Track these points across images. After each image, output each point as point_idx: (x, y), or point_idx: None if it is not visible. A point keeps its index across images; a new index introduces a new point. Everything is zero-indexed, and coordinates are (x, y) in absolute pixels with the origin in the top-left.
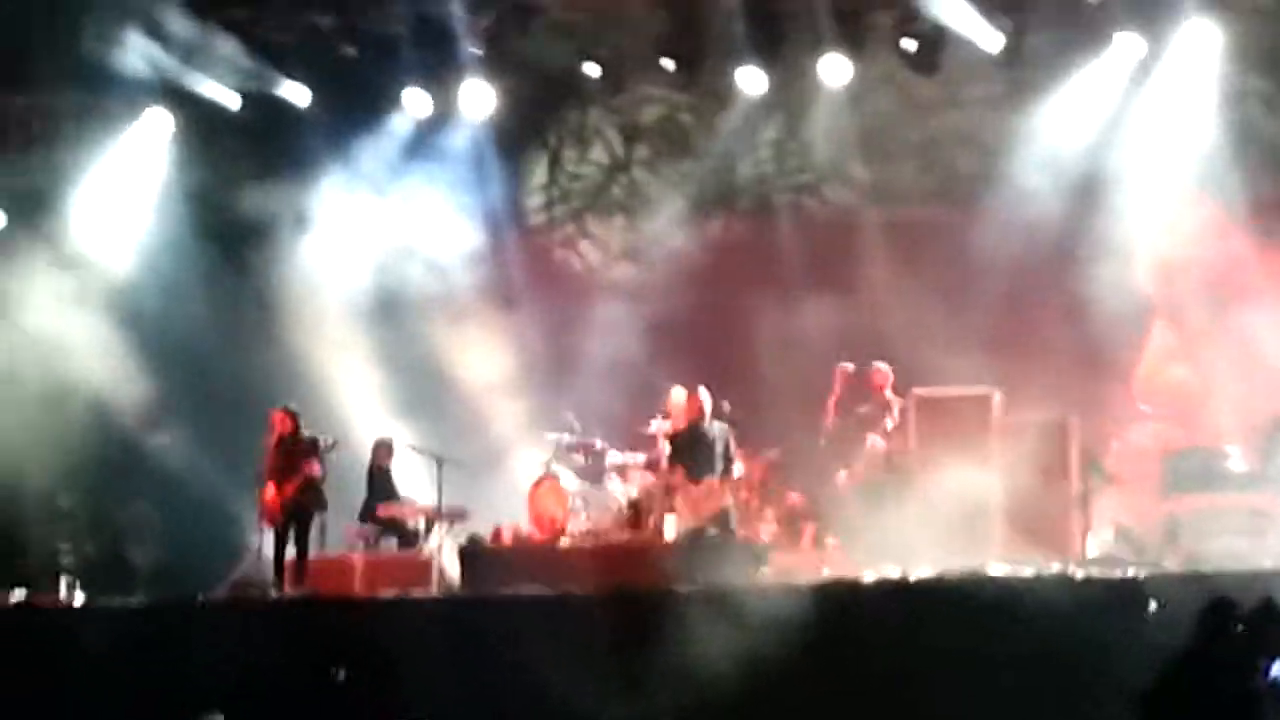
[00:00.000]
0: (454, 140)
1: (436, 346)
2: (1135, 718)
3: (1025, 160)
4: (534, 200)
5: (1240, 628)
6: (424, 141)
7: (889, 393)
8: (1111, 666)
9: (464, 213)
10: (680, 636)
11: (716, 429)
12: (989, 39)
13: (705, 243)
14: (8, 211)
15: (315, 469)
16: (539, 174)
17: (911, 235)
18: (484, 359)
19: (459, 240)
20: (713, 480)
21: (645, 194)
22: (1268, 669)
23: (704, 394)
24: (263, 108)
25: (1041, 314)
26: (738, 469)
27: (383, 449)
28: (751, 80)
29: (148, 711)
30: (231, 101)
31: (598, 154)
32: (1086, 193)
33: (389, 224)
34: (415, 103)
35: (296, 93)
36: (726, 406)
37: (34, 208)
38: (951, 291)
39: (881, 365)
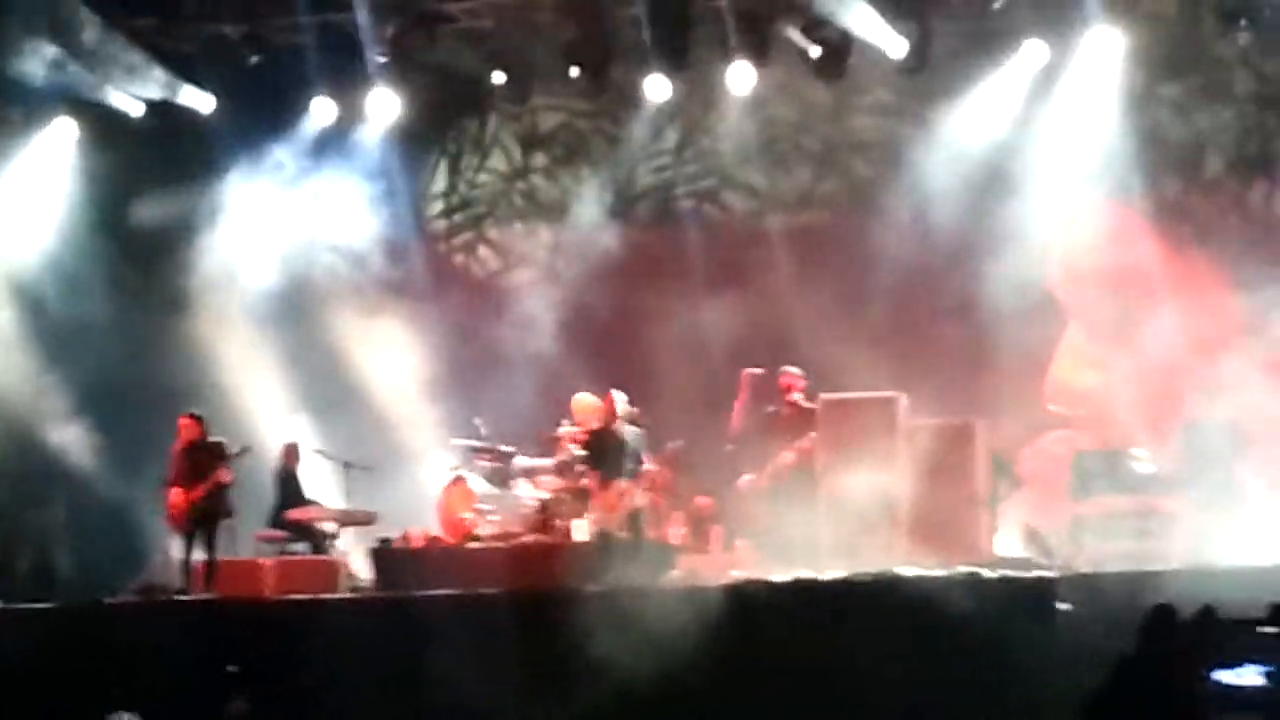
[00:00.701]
0: (359, 147)
1: (344, 350)
2: None
3: (929, 165)
4: (435, 207)
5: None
6: (329, 148)
7: (797, 396)
8: (1022, 668)
9: (369, 216)
10: (591, 636)
11: (629, 432)
12: (894, 45)
13: (606, 249)
14: None
15: (224, 475)
16: (439, 181)
17: (813, 240)
18: (390, 363)
19: (365, 244)
20: (623, 483)
21: (544, 201)
22: (1209, 675)
23: (618, 397)
24: (167, 115)
25: (946, 318)
26: (653, 470)
27: (290, 453)
28: (657, 88)
29: (58, 714)
30: (135, 109)
31: (496, 161)
32: (991, 196)
33: (295, 226)
34: (321, 110)
35: (201, 100)
36: (636, 411)
37: None
38: (855, 296)
39: (791, 369)
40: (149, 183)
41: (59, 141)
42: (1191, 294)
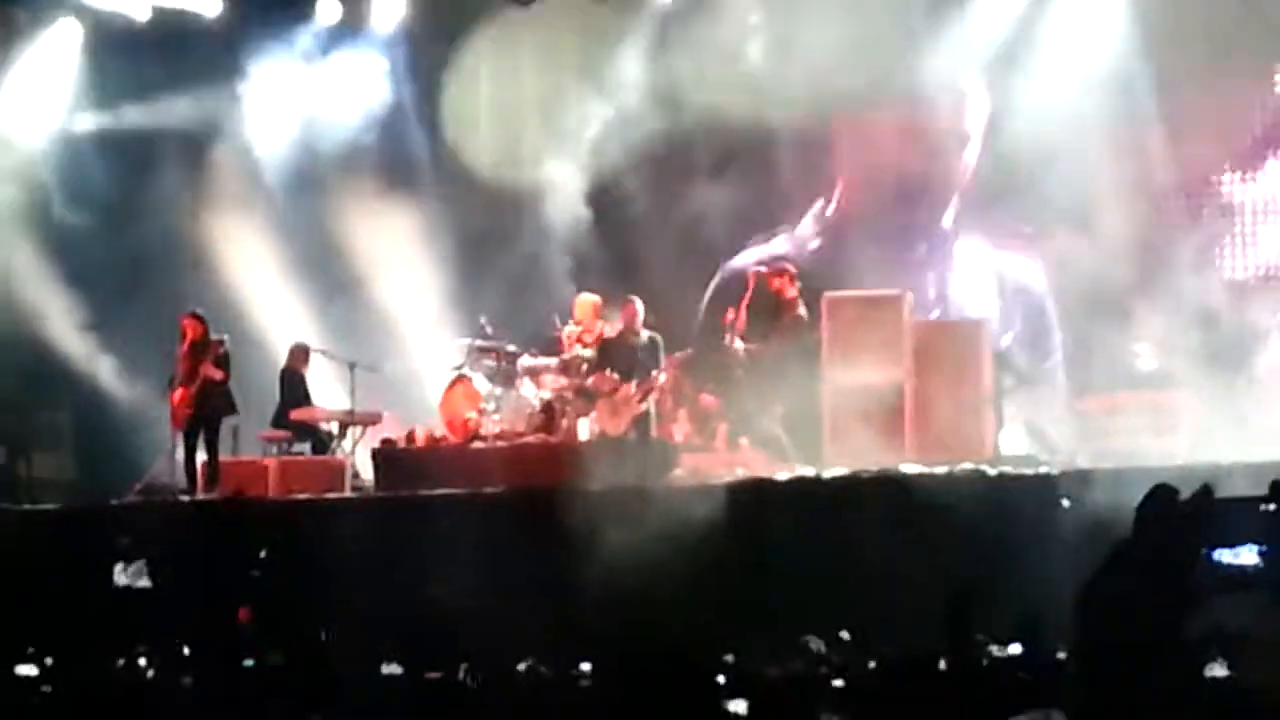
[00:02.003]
0: (362, 48)
1: (351, 248)
2: (1074, 608)
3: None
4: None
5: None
6: (331, 48)
7: (793, 293)
8: (1024, 565)
9: (374, 115)
10: (593, 536)
11: (645, 337)
12: None
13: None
14: None
15: (212, 371)
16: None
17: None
18: (397, 260)
19: (373, 137)
20: (632, 388)
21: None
22: (1210, 555)
23: (638, 303)
24: (172, 18)
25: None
26: (661, 376)
27: (298, 354)
28: None
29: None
30: (141, 13)
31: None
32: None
33: (299, 126)
34: (326, 10)
35: (206, 4)
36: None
37: None
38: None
39: (788, 266)
40: (155, 86)
41: (65, 43)
42: None
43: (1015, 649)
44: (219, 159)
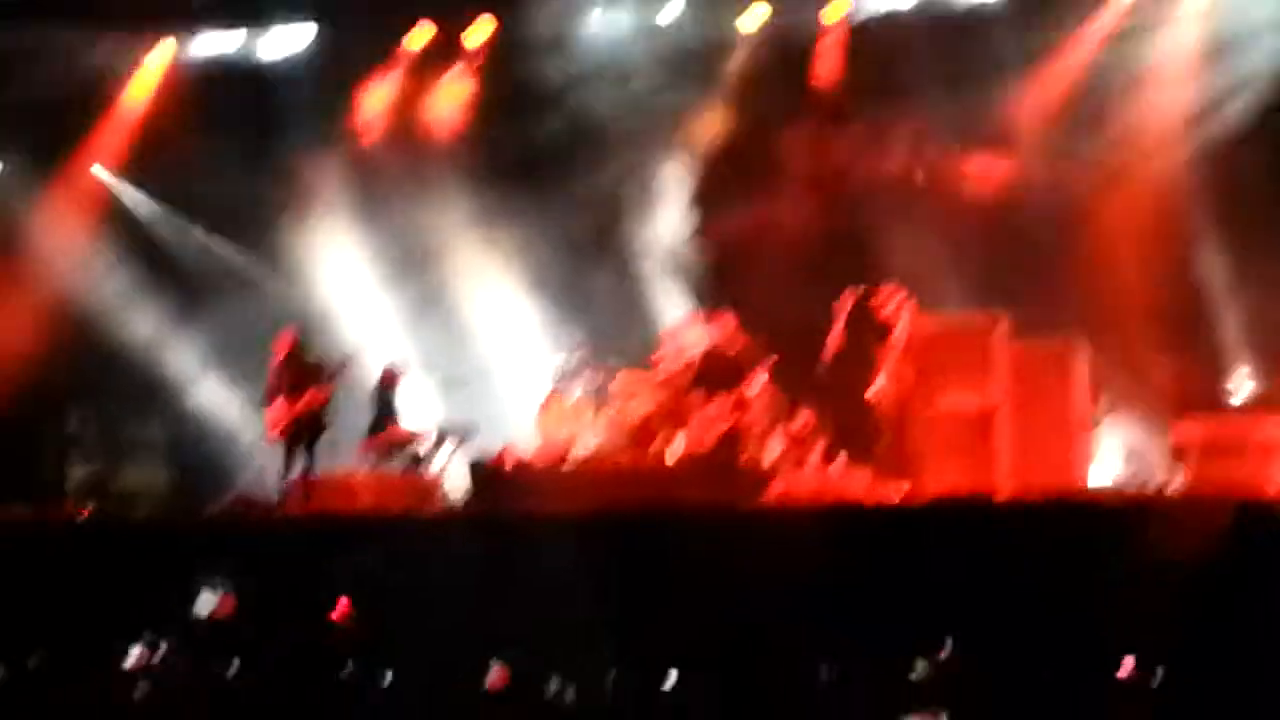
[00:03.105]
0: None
1: (446, 261)
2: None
3: None
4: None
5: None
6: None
7: (895, 312)
8: (1116, 591)
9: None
10: (688, 558)
11: (741, 352)
12: None
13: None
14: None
15: (321, 393)
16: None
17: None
18: (493, 275)
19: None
20: (724, 401)
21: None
22: None
23: (732, 316)
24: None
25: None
26: (753, 389)
27: (391, 369)
28: None
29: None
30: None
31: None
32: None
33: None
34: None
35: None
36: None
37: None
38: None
39: (891, 286)
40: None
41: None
42: None
43: None
44: (315, 167)
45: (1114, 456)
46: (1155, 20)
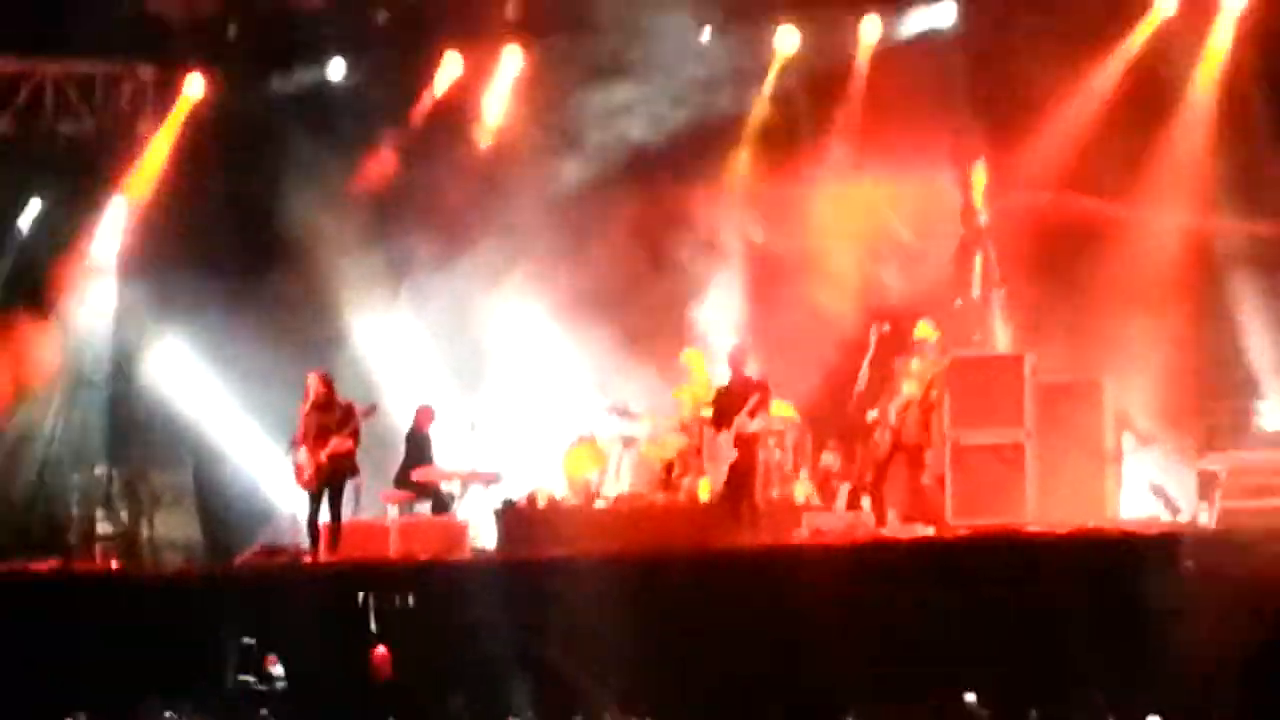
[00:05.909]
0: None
1: (475, 308)
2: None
3: None
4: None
5: None
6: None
7: (924, 349)
8: (1145, 625)
9: None
10: (715, 597)
11: (753, 379)
12: None
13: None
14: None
15: (347, 442)
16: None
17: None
18: (521, 322)
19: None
20: (730, 429)
21: None
22: None
23: (741, 344)
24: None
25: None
26: (770, 414)
27: (423, 413)
28: None
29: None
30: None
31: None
32: None
33: None
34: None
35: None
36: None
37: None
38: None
39: (924, 322)
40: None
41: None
42: None
43: None
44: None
45: (1142, 489)
46: (1180, 51)
